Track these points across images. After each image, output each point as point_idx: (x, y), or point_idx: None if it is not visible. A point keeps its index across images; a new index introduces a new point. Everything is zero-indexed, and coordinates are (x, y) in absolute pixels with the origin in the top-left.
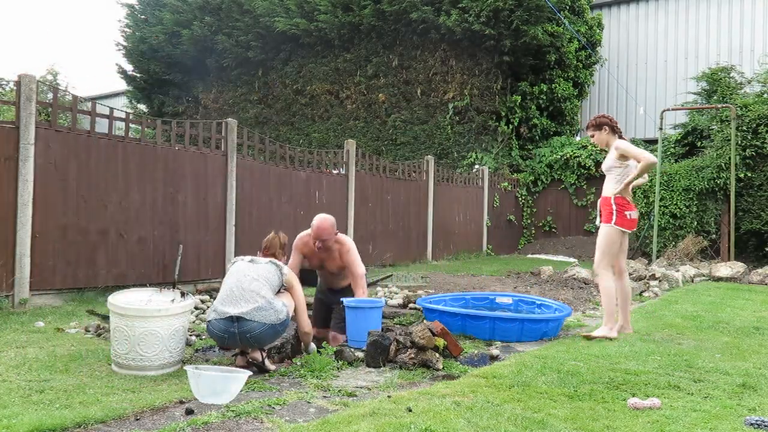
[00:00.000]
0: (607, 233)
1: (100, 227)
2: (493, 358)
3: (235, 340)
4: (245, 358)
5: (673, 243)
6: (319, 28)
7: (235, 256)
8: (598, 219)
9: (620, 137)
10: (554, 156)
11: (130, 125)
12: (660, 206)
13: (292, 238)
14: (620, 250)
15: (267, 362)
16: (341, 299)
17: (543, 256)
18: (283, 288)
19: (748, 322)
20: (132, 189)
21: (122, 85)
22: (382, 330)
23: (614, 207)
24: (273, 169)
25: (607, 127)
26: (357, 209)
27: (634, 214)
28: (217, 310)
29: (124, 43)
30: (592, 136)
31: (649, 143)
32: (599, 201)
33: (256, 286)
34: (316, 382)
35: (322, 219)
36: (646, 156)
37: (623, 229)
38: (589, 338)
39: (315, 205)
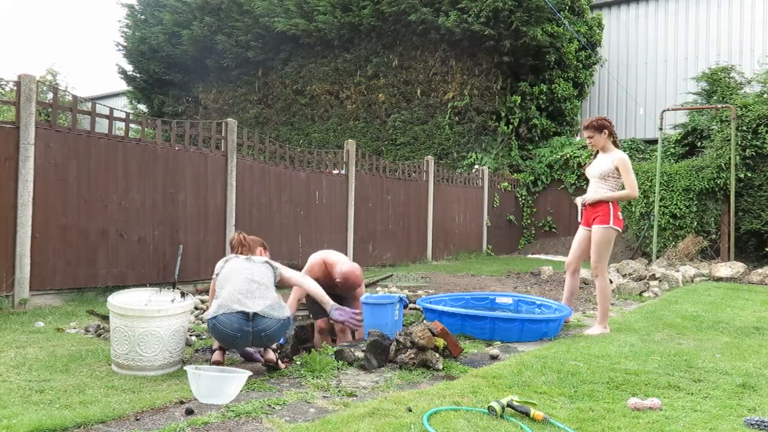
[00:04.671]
0: (605, 233)
1: (100, 227)
2: (493, 358)
3: (247, 339)
4: (222, 353)
5: (673, 243)
6: (318, 28)
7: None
8: (580, 218)
9: (614, 143)
10: (554, 156)
11: (130, 125)
12: (660, 206)
13: (293, 238)
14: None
15: (280, 362)
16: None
17: (543, 256)
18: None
19: (748, 322)
20: (132, 189)
21: (122, 86)
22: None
23: (611, 208)
24: (273, 169)
25: (607, 131)
26: (357, 209)
27: (620, 214)
28: (228, 308)
29: (124, 44)
30: (591, 137)
31: (649, 143)
32: (586, 204)
33: (266, 282)
34: (316, 382)
35: (356, 267)
36: (634, 189)
37: (619, 229)
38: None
39: (315, 205)
